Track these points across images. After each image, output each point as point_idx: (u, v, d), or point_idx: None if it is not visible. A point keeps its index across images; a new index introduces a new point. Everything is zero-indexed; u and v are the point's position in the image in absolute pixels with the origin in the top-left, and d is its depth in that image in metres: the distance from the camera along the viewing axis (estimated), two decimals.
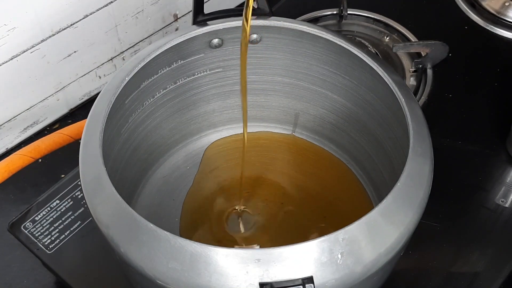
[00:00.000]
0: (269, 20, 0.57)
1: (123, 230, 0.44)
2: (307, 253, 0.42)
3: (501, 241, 0.62)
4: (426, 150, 0.49)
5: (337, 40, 0.56)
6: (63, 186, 0.64)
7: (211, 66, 0.61)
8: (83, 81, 0.78)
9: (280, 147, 0.67)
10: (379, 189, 0.61)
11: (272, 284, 0.41)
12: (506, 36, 0.79)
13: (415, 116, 0.50)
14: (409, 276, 0.59)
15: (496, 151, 0.68)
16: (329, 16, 0.81)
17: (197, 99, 0.63)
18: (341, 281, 0.42)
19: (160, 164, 0.65)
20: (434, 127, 0.53)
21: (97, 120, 0.50)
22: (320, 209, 0.62)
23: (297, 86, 0.63)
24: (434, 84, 0.74)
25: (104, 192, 0.46)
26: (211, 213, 0.62)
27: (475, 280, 0.59)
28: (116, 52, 0.79)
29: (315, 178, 0.64)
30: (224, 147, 0.67)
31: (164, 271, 0.42)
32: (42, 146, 0.65)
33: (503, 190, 0.65)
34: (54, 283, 0.65)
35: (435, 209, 0.62)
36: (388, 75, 0.53)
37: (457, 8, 0.82)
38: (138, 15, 0.78)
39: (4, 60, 0.68)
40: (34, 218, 0.62)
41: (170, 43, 0.55)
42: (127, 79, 0.53)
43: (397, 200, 0.45)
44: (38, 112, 0.76)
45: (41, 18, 0.68)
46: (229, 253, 0.42)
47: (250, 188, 0.63)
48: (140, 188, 0.63)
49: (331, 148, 0.66)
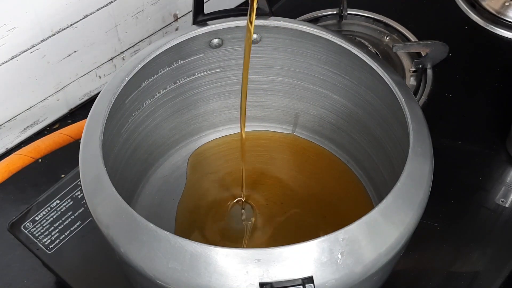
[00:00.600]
0: (269, 20, 0.57)
1: (123, 230, 0.44)
2: (307, 253, 0.42)
3: (501, 241, 0.62)
4: (426, 150, 0.49)
5: (337, 40, 0.56)
6: (63, 186, 0.64)
7: (211, 66, 0.61)
8: (83, 81, 0.78)
9: (280, 147, 0.67)
10: (379, 189, 0.61)
11: (272, 284, 0.41)
12: (506, 36, 0.79)
13: (415, 116, 0.50)
14: (409, 276, 0.59)
15: (496, 151, 0.68)
16: (329, 16, 0.81)
17: (197, 99, 0.63)
18: (341, 281, 0.42)
19: (160, 164, 0.65)
20: (434, 127, 0.53)
21: (97, 120, 0.50)
22: (320, 209, 0.62)
23: (297, 86, 0.63)
24: (434, 84, 0.74)
25: (104, 192, 0.46)
26: (209, 213, 0.62)
27: (475, 280, 0.59)
28: (116, 52, 0.79)
29: (315, 178, 0.64)
30: (224, 147, 0.67)
31: (164, 271, 0.42)
32: (42, 146, 0.65)
33: (503, 190, 0.65)
34: (54, 283, 0.65)
35: (435, 209, 0.62)
36: (388, 75, 0.53)
37: (457, 8, 0.82)
38: (138, 15, 0.78)
39: (4, 60, 0.68)
40: (34, 218, 0.62)
41: (170, 43, 0.55)
42: (127, 79, 0.53)
43: (397, 200, 0.45)
44: (38, 112, 0.76)
45: (41, 18, 0.68)
46: (229, 253, 0.42)
47: (250, 188, 0.63)
48: (140, 188, 0.63)
49: (331, 148, 0.66)
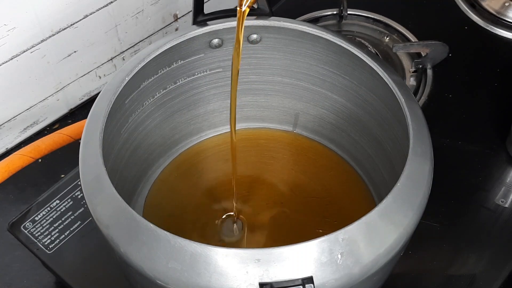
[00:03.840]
0: (269, 20, 0.57)
1: (123, 230, 0.44)
2: (307, 253, 0.42)
3: (501, 241, 0.62)
4: (426, 150, 0.49)
5: (337, 40, 0.56)
6: (63, 186, 0.64)
7: (211, 66, 0.61)
8: (83, 81, 0.78)
9: (280, 147, 0.67)
10: (379, 189, 0.61)
11: (272, 284, 0.41)
12: (506, 36, 0.79)
13: (415, 116, 0.50)
14: (409, 276, 0.59)
15: (496, 151, 0.68)
16: (329, 16, 0.81)
17: (197, 99, 0.63)
18: (341, 281, 0.42)
19: (160, 164, 0.65)
20: (434, 127, 0.53)
21: (97, 120, 0.50)
22: (320, 209, 0.62)
23: (297, 86, 0.63)
24: (434, 84, 0.74)
25: (104, 192, 0.46)
26: (208, 213, 0.62)
27: (475, 280, 0.59)
28: (116, 52, 0.79)
29: (315, 178, 0.64)
30: (224, 147, 0.67)
31: (164, 271, 0.42)
32: (42, 146, 0.65)
33: (503, 190, 0.65)
34: (54, 283, 0.65)
35: (435, 209, 0.62)
36: (388, 75, 0.53)
37: (457, 8, 0.82)
38: (138, 15, 0.78)
39: (4, 60, 0.68)
40: (34, 218, 0.62)
41: (170, 43, 0.55)
42: (127, 79, 0.53)
43: (397, 200, 0.45)
44: (38, 112, 0.76)
45: (41, 18, 0.68)
46: (229, 253, 0.42)
47: (250, 188, 0.63)
48: (140, 188, 0.63)
49: (331, 148, 0.66)
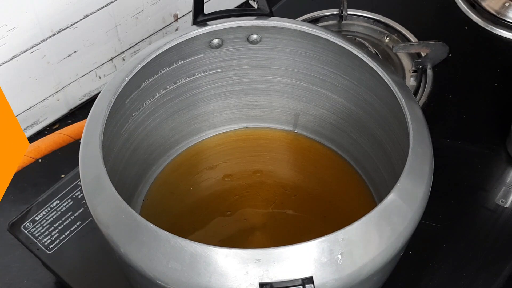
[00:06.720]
0: (269, 20, 0.57)
1: (123, 230, 0.44)
2: (307, 253, 0.42)
3: (501, 241, 0.62)
4: (426, 150, 0.49)
5: (337, 40, 0.56)
6: (63, 186, 0.64)
7: (211, 66, 0.61)
8: (83, 81, 0.78)
9: (280, 147, 0.67)
10: (379, 189, 0.61)
11: (272, 284, 0.41)
12: (506, 36, 0.79)
13: (415, 116, 0.50)
14: (409, 276, 0.59)
15: (496, 151, 0.68)
16: (329, 16, 0.81)
17: (197, 99, 0.63)
18: (341, 281, 0.42)
19: (160, 164, 0.65)
20: (434, 127, 0.53)
21: (97, 120, 0.50)
22: (320, 209, 0.62)
23: (297, 86, 0.63)
24: (434, 84, 0.74)
25: (104, 192, 0.46)
26: (208, 213, 0.62)
27: (475, 280, 0.59)
28: (116, 52, 0.79)
29: (315, 178, 0.64)
30: (224, 147, 0.67)
31: (164, 271, 0.42)
32: (42, 146, 0.65)
33: (503, 191, 0.65)
34: (54, 283, 0.65)
35: (435, 209, 0.62)
36: (388, 76, 0.53)
37: (457, 8, 0.82)
38: (138, 15, 0.78)
39: (4, 60, 0.68)
40: (34, 218, 0.62)
41: (170, 43, 0.55)
42: (127, 79, 0.53)
43: (397, 200, 0.45)
44: (38, 112, 0.76)
45: (41, 18, 0.68)
46: (229, 253, 0.42)
47: (250, 188, 0.63)
48: (140, 188, 0.63)
49: (331, 148, 0.66)
